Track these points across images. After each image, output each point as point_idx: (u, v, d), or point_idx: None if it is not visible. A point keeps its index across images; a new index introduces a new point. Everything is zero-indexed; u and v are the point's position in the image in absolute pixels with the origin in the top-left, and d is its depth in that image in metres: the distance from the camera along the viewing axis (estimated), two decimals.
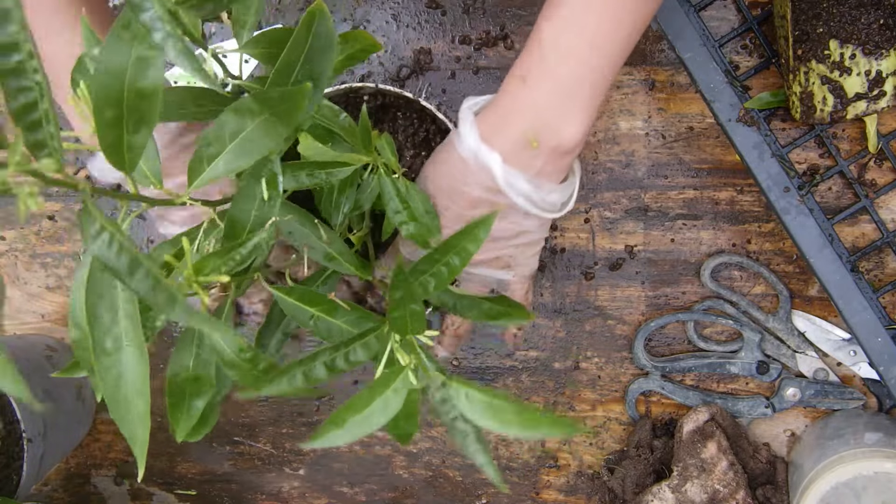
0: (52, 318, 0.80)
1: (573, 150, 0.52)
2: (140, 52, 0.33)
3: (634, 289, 0.74)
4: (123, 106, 0.33)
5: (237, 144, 0.37)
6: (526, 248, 0.58)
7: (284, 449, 0.80)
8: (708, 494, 0.68)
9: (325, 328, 0.46)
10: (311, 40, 0.39)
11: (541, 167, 0.52)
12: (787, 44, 0.63)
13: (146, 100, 0.33)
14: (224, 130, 0.37)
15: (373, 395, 0.39)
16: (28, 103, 0.28)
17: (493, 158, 0.52)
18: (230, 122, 0.36)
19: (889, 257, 0.70)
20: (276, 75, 0.39)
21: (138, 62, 0.33)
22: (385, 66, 0.74)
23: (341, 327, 0.46)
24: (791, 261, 0.72)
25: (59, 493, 0.82)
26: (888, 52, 0.62)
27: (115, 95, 0.33)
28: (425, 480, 0.79)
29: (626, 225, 0.73)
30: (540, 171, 0.53)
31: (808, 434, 0.73)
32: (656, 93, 0.72)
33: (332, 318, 0.46)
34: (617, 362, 0.75)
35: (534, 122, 0.51)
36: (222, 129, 0.37)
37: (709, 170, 0.72)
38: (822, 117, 0.64)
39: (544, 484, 0.77)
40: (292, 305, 0.45)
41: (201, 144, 0.37)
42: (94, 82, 0.33)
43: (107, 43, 0.33)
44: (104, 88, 0.33)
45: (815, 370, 0.72)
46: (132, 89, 0.33)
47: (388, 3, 0.74)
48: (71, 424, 0.75)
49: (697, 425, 0.70)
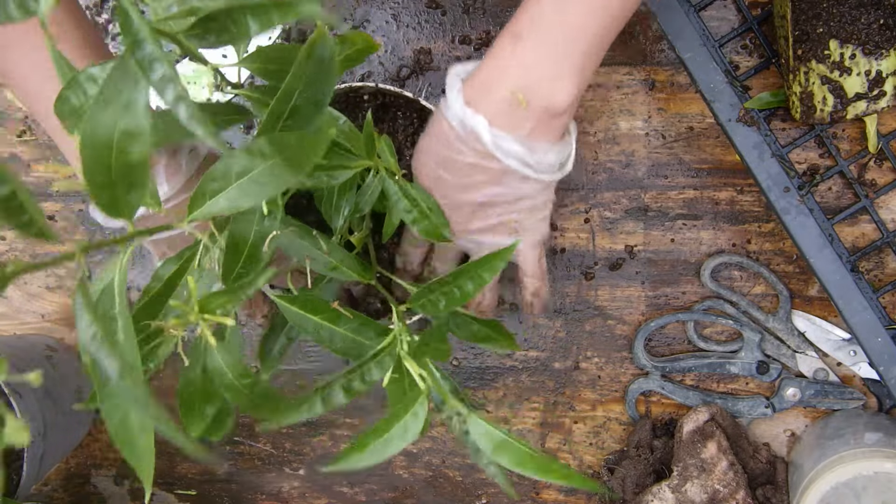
0: (52, 318, 0.80)
1: (565, 111, 0.52)
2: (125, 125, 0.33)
3: (634, 289, 0.74)
4: (112, 174, 0.33)
5: (242, 184, 0.37)
6: (530, 213, 0.57)
7: (284, 449, 0.80)
8: (708, 494, 0.68)
9: (328, 336, 0.46)
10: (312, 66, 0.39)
11: (532, 128, 0.52)
12: (787, 44, 0.63)
13: (136, 169, 0.33)
14: (231, 169, 0.37)
15: (392, 420, 0.40)
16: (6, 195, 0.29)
17: (478, 121, 0.51)
18: (239, 162, 0.36)
19: (889, 257, 0.70)
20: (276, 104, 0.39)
21: (124, 136, 0.33)
22: (385, 66, 0.74)
23: (344, 335, 0.46)
24: (791, 261, 0.72)
25: (59, 493, 0.83)
26: (888, 52, 0.62)
27: (104, 164, 0.33)
28: (425, 480, 0.79)
29: (626, 225, 0.73)
30: (531, 133, 0.52)
31: (808, 434, 0.73)
32: (656, 93, 0.72)
33: (335, 326, 0.46)
34: (617, 362, 0.75)
35: (522, 81, 0.50)
36: (230, 168, 0.37)
37: (709, 170, 0.72)
38: (822, 117, 0.64)
39: (544, 484, 0.77)
40: (295, 314, 0.46)
41: (206, 179, 0.37)
42: (81, 149, 0.33)
43: (93, 111, 0.33)
44: (92, 157, 0.33)
45: (815, 370, 0.72)
46: (120, 161, 0.33)
47: (388, 3, 0.74)
48: (71, 424, 0.75)
49: (697, 425, 0.70)
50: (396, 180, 0.54)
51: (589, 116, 0.72)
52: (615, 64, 0.72)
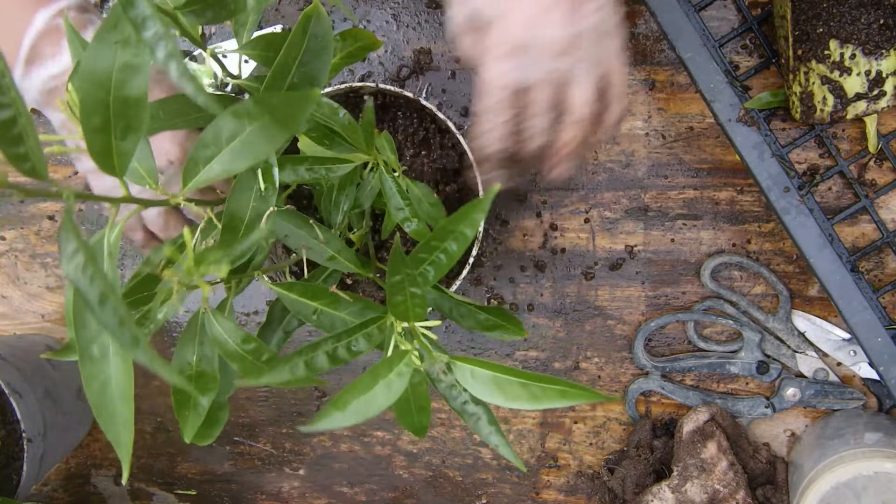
0: (52, 319, 0.80)
1: None
2: (126, 59, 0.32)
3: (634, 289, 0.74)
4: (110, 113, 0.33)
5: (234, 147, 0.36)
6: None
7: (284, 449, 0.80)
8: (708, 494, 0.68)
9: (328, 321, 0.46)
10: (308, 42, 0.39)
11: None
12: (788, 44, 0.63)
13: (132, 108, 0.33)
14: (221, 133, 0.36)
15: (375, 377, 0.39)
16: (6, 120, 0.28)
17: None
18: (228, 125, 0.36)
19: (889, 257, 0.70)
20: (271, 78, 0.39)
21: (124, 69, 0.32)
22: (385, 66, 0.74)
23: (345, 319, 0.45)
24: (791, 261, 0.72)
25: (59, 493, 0.83)
26: (888, 52, 0.62)
27: (101, 102, 0.33)
28: (425, 480, 0.79)
29: (626, 225, 0.73)
30: None
31: (808, 434, 0.73)
32: (656, 93, 0.72)
33: (335, 310, 0.45)
34: (617, 362, 0.75)
35: None
36: (219, 132, 0.36)
37: (709, 170, 0.72)
38: (823, 117, 0.64)
39: (544, 484, 0.77)
40: (294, 301, 0.45)
41: (198, 146, 0.37)
42: (79, 88, 0.32)
43: (91, 47, 0.32)
44: (89, 95, 0.32)
45: (815, 370, 0.72)
46: (118, 97, 0.33)
47: (388, 3, 0.74)
48: (71, 424, 0.75)
49: (697, 425, 0.70)
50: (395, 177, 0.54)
51: None
52: None
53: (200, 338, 0.43)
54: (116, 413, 0.34)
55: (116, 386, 0.34)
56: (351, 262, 0.51)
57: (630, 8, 0.71)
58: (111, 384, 0.34)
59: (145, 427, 0.81)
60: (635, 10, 0.71)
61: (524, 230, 0.74)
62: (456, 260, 0.44)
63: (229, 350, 0.41)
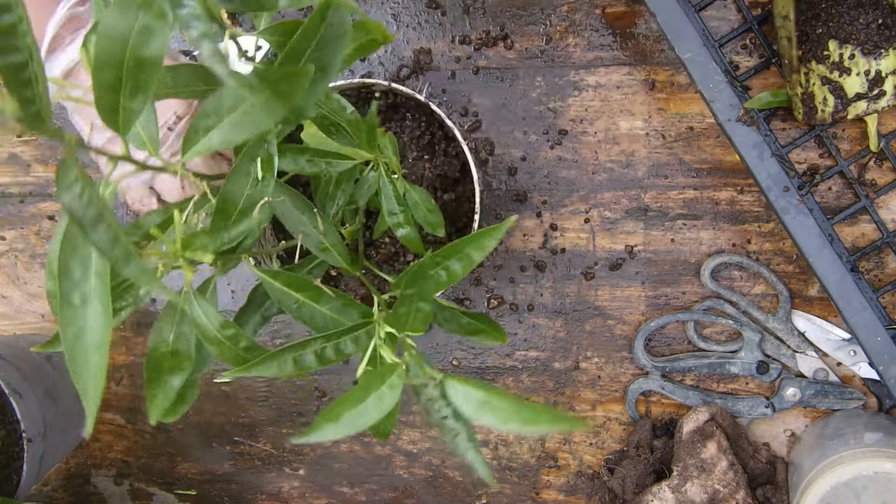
0: (52, 319, 0.80)
1: None
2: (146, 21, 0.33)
3: (634, 289, 0.74)
4: (123, 70, 0.33)
5: (234, 118, 0.36)
6: None
7: (284, 449, 0.80)
8: (708, 494, 0.68)
9: (308, 314, 0.45)
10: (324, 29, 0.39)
11: None
12: (790, 44, 0.63)
13: (146, 69, 0.33)
14: (222, 103, 0.37)
15: (367, 390, 0.39)
16: (18, 63, 0.28)
17: None
18: (229, 96, 0.36)
19: (889, 257, 0.70)
20: (284, 61, 0.39)
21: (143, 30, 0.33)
22: (385, 65, 0.74)
23: (325, 314, 0.45)
24: (791, 261, 0.72)
25: (59, 493, 0.83)
26: (887, 51, 0.62)
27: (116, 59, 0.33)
28: (425, 480, 0.79)
29: (626, 225, 0.73)
30: None
31: (808, 434, 0.73)
32: (656, 93, 0.72)
33: (317, 304, 0.45)
34: (617, 362, 0.75)
35: None
36: (220, 103, 0.37)
37: (709, 170, 0.72)
38: (824, 118, 0.64)
39: (544, 484, 0.77)
40: (278, 290, 0.45)
41: (198, 116, 0.37)
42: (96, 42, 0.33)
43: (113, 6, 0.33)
44: (105, 51, 0.33)
45: (815, 370, 0.72)
46: (133, 56, 0.33)
47: (388, 3, 0.74)
48: (71, 424, 0.75)
49: (697, 425, 0.70)
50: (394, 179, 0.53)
51: (589, 116, 0.72)
52: (615, 64, 0.72)
53: (180, 317, 0.43)
54: (90, 361, 0.34)
55: (93, 334, 0.34)
56: (343, 258, 0.50)
57: (630, 8, 0.71)
58: (87, 331, 0.34)
59: (145, 427, 0.81)
60: (635, 10, 0.71)
61: (524, 230, 0.74)
62: (456, 280, 0.44)
63: (208, 334, 0.41)
